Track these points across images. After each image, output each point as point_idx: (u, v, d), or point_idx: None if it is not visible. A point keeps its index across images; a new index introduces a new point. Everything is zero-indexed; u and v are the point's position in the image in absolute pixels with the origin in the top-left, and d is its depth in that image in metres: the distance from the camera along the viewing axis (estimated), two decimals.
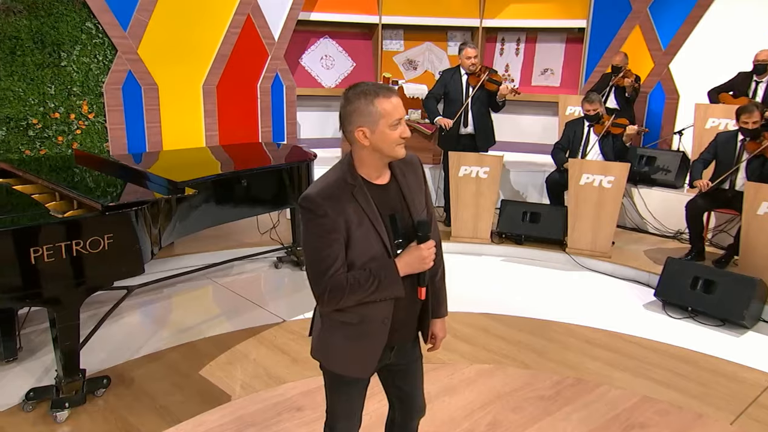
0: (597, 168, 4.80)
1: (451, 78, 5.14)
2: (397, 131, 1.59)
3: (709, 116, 5.13)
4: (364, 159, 1.63)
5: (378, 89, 1.58)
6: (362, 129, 1.57)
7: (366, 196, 1.60)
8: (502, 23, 7.26)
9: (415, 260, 1.63)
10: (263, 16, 6.14)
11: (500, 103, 5.06)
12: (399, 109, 1.59)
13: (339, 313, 1.68)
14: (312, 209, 1.57)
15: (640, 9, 6.46)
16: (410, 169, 1.76)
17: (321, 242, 1.57)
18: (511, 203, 5.27)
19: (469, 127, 5.19)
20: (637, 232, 5.55)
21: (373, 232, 1.60)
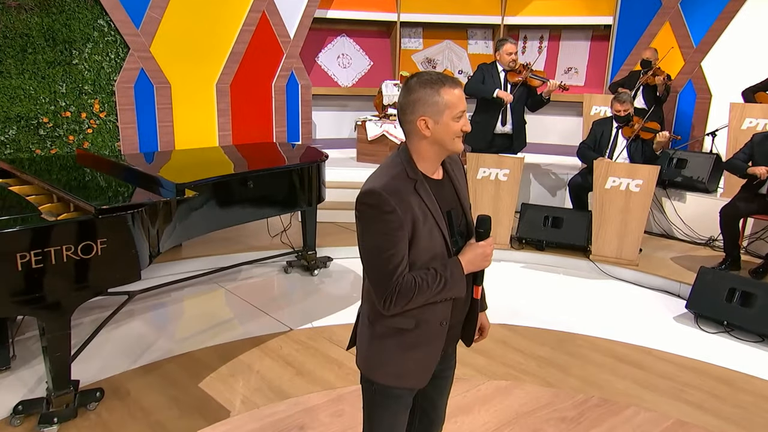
0: (624, 171, 4.50)
1: (488, 73, 4.87)
2: (459, 123, 1.52)
3: (746, 116, 4.80)
4: (422, 152, 1.56)
5: (444, 79, 1.51)
6: (425, 118, 1.50)
7: (428, 191, 1.54)
8: (524, 20, 7.01)
9: (478, 258, 1.58)
10: (278, 14, 5.96)
11: (546, 100, 4.81)
12: (463, 101, 1.53)
13: (393, 319, 1.58)
14: (378, 205, 1.47)
15: (670, 4, 6.16)
16: (457, 167, 1.72)
17: (387, 241, 1.48)
18: (532, 207, 5.00)
19: (508, 126, 4.94)
20: (665, 238, 5.23)
21: (437, 228, 1.54)
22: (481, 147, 4.89)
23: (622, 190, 4.51)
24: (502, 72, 4.88)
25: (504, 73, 4.88)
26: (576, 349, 3.50)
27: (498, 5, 6.98)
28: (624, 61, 6.55)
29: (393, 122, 5.98)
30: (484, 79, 4.86)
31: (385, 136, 5.89)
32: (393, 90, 6.21)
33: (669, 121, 6.20)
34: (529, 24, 7.02)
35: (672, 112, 6.28)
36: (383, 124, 5.91)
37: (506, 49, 4.78)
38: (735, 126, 4.84)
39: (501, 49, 4.81)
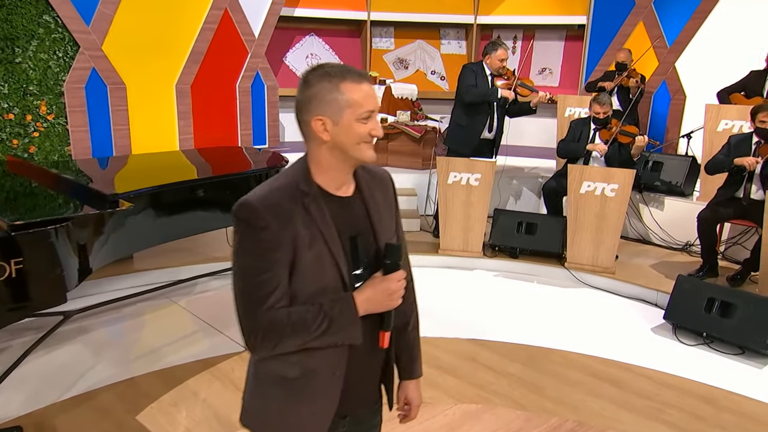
0: (599, 175, 4.30)
1: (477, 75, 4.62)
2: (366, 126, 1.24)
3: (721, 118, 4.64)
4: (322, 160, 1.27)
5: (345, 72, 1.24)
6: (322, 119, 1.23)
7: (322, 209, 1.25)
8: (497, 20, 6.84)
9: (379, 295, 1.27)
10: (242, 11, 5.63)
11: (534, 110, 4.62)
12: (371, 99, 1.25)
13: (276, 363, 1.29)
14: (249, 219, 1.21)
15: (643, 4, 6.05)
16: (380, 185, 1.39)
17: (258, 263, 1.21)
18: (505, 213, 4.79)
19: (492, 132, 4.72)
20: (641, 243, 5.06)
21: (328, 255, 1.24)
22: (467, 153, 4.67)
23: (597, 195, 4.32)
24: (489, 76, 4.63)
25: (491, 77, 4.63)
26: (550, 366, 3.27)
27: (471, 4, 6.79)
28: (598, 61, 6.43)
29: None
30: (477, 82, 4.59)
31: None
32: None
33: (644, 123, 6.08)
34: (503, 23, 6.86)
35: (646, 114, 6.16)
36: None
37: (499, 54, 4.53)
38: (711, 128, 4.69)
39: (493, 54, 4.56)
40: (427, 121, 5.85)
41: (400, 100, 6.00)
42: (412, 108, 6.02)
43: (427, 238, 5.07)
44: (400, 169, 5.70)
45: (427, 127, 5.67)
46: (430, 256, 4.72)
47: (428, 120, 5.89)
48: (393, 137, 5.74)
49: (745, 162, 3.89)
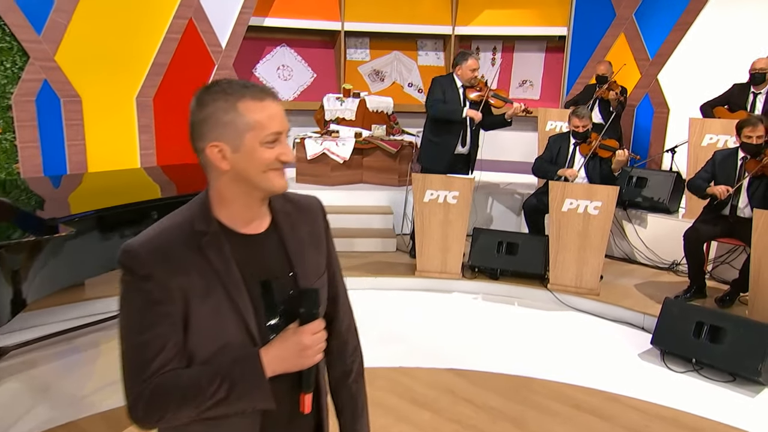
0: (581, 192, 4.24)
1: (448, 87, 4.56)
2: (273, 151, 1.09)
3: (705, 132, 4.64)
4: (224, 193, 1.12)
5: (244, 89, 1.09)
6: (218, 145, 1.08)
7: (222, 251, 1.10)
8: (476, 31, 6.80)
9: (290, 351, 1.11)
10: (208, 21, 5.50)
11: (509, 122, 4.57)
12: (276, 119, 1.10)
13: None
14: (131, 267, 1.07)
15: (624, 15, 6.03)
16: (305, 217, 1.24)
17: (141, 319, 1.06)
18: (485, 232, 4.70)
19: (466, 146, 4.66)
20: (627, 262, 5.01)
21: (228, 306, 1.09)
22: (440, 170, 4.58)
23: (580, 213, 4.25)
24: (461, 88, 4.57)
25: (462, 89, 4.57)
26: (533, 397, 3.14)
27: (448, 15, 6.75)
28: (579, 73, 6.41)
29: (335, 139, 5.60)
30: (445, 96, 4.53)
31: (326, 155, 5.49)
32: (335, 104, 5.84)
33: (627, 137, 6.05)
34: (482, 34, 6.82)
35: (629, 128, 6.12)
36: (324, 142, 5.52)
37: (470, 65, 4.48)
38: (695, 142, 4.67)
39: (463, 64, 4.50)
40: (403, 136, 5.77)
41: (376, 113, 5.92)
42: (388, 122, 5.93)
43: (404, 259, 4.96)
44: (375, 186, 5.62)
45: (404, 141, 5.59)
46: (407, 278, 4.60)
47: (405, 134, 5.82)
48: (368, 152, 5.65)
49: (716, 191, 3.89)
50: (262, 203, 1.16)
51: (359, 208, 5.34)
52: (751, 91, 4.89)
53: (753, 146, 3.85)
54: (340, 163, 5.53)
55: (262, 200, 1.15)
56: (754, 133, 3.82)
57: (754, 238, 3.61)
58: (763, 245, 3.57)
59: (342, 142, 5.52)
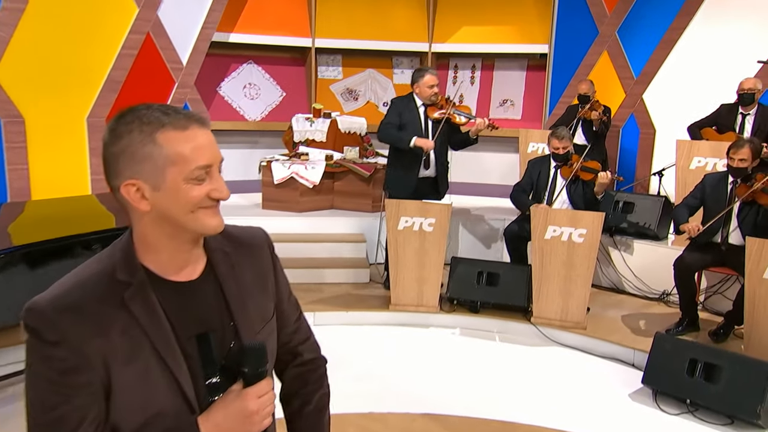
0: (565, 218, 4.16)
1: (405, 109, 4.50)
2: (201, 188, 1.00)
3: (693, 155, 4.62)
4: (148, 237, 1.03)
5: (164, 116, 0.98)
6: (135, 183, 0.99)
7: (150, 303, 1.00)
8: (454, 48, 6.82)
9: (235, 418, 1.01)
10: (167, 36, 5.39)
11: (473, 140, 4.50)
12: (205, 151, 0.99)
13: None
14: (38, 331, 0.95)
15: (607, 32, 6.09)
16: (248, 255, 1.15)
17: (53, 393, 0.95)
18: (464, 261, 4.58)
19: (431, 169, 4.56)
20: (615, 292, 4.94)
21: (159, 368, 1.00)
22: (406, 195, 4.50)
23: (564, 241, 4.16)
24: (422, 107, 4.50)
25: (423, 108, 4.50)
26: None
27: (425, 31, 6.76)
28: (562, 92, 6.44)
29: (304, 162, 5.47)
30: (401, 118, 4.45)
31: (295, 179, 5.35)
32: (305, 125, 5.74)
33: (612, 159, 6.05)
34: (460, 52, 6.84)
35: (615, 149, 6.13)
36: (292, 165, 5.39)
37: (426, 81, 4.40)
38: (683, 165, 4.65)
39: (420, 81, 4.44)
40: (377, 159, 5.68)
41: (348, 134, 5.83)
42: (361, 144, 5.85)
43: (378, 290, 4.82)
44: (347, 212, 5.51)
45: (378, 165, 5.50)
46: (380, 312, 4.46)
47: (379, 157, 5.73)
48: (339, 176, 5.55)
49: (686, 228, 3.89)
50: (194, 245, 1.06)
51: (330, 236, 5.21)
52: (740, 112, 4.90)
53: (734, 169, 3.84)
54: (310, 188, 5.41)
55: (194, 242, 1.05)
56: (736, 155, 3.81)
57: (747, 268, 3.54)
58: (757, 276, 3.51)
59: (311, 166, 5.40)
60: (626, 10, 5.92)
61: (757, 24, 5.26)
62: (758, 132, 4.75)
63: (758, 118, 4.82)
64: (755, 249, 3.50)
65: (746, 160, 3.79)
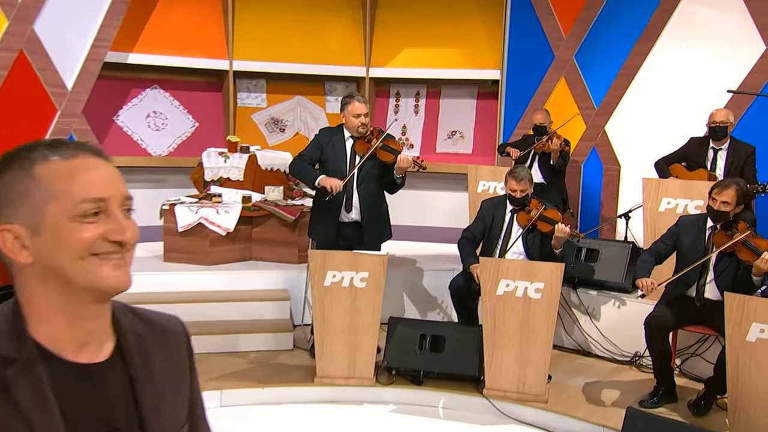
0: (519, 271, 3.99)
1: (330, 141, 4.40)
2: (93, 228, 0.92)
3: (662, 195, 4.57)
4: (34, 299, 0.95)
5: (49, 148, 0.95)
6: (10, 228, 0.93)
7: (39, 386, 0.91)
8: (395, 73, 6.74)
9: None
10: (46, 55, 5.04)
11: (399, 181, 4.38)
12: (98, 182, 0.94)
13: None
14: None
15: (564, 56, 6.11)
16: (164, 345, 1.08)
17: None
18: (404, 323, 4.36)
19: (354, 212, 4.41)
20: (580, 355, 4.80)
21: None
22: (328, 243, 4.35)
23: (519, 297, 3.99)
24: (350, 139, 4.38)
25: (352, 141, 4.36)
26: None
27: (361, 53, 6.65)
28: (517, 124, 6.39)
29: (215, 206, 5.17)
30: (323, 152, 4.35)
31: (204, 226, 5.05)
32: (218, 161, 5.46)
33: (574, 198, 6.00)
34: (402, 77, 6.75)
35: (577, 188, 6.09)
36: (201, 209, 5.09)
37: (353, 109, 4.29)
38: (651, 207, 4.60)
39: (346, 109, 4.33)
40: (304, 200, 5.48)
41: (270, 172, 5.62)
42: (286, 183, 5.65)
43: (303, 359, 4.55)
44: (268, 265, 5.28)
45: (304, 207, 5.28)
46: (303, 387, 4.19)
47: (307, 198, 5.52)
48: (259, 221, 5.31)
49: (641, 284, 3.85)
50: (97, 314, 0.97)
51: (247, 293, 4.93)
52: (711, 147, 4.91)
53: (715, 212, 3.78)
54: (222, 236, 5.13)
55: (95, 309, 0.96)
56: (719, 196, 3.74)
57: (727, 330, 3.41)
58: (739, 338, 3.37)
59: (225, 209, 5.14)
60: (584, 31, 5.96)
61: (724, 49, 5.33)
62: (731, 169, 4.77)
63: (731, 153, 4.83)
64: (735, 307, 3.38)
65: (730, 203, 3.72)
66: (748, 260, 3.64)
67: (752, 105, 5.20)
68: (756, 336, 3.33)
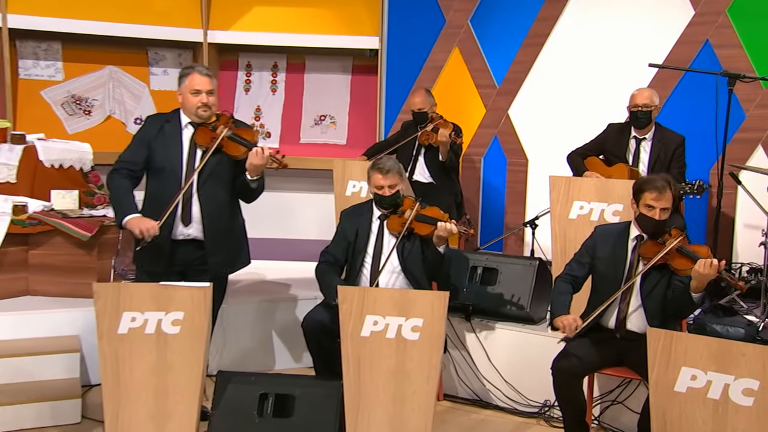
0: (389, 303, 3.77)
1: (160, 132, 4.08)
2: None
3: (573, 198, 4.46)
4: None
5: None
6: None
7: None
8: (244, 38, 6.52)
9: None
10: None
11: (254, 184, 4.13)
12: None
13: None
14: None
15: (457, 21, 6.16)
16: None
17: None
18: (239, 379, 4.05)
19: (194, 227, 4.07)
20: (476, 407, 4.67)
21: None
22: (157, 269, 4.02)
23: (391, 339, 3.76)
24: (188, 126, 4.04)
25: (192, 130, 4.02)
26: None
27: (197, 11, 6.34)
28: (401, 106, 6.39)
29: None
30: (152, 149, 4.03)
31: None
32: None
33: (473, 202, 6.08)
34: (254, 44, 6.52)
35: (476, 188, 6.15)
36: None
37: (191, 84, 3.96)
38: (560, 213, 4.49)
39: (183, 85, 4.01)
40: (108, 209, 5.05)
41: (58, 171, 5.21)
42: (86, 186, 5.29)
43: None
44: (52, 301, 4.87)
45: (106, 219, 4.93)
46: None
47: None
48: (38, 240, 4.91)
49: (559, 324, 3.73)
50: None
51: (17, 344, 4.48)
52: (633, 136, 4.99)
53: (654, 222, 3.67)
54: None
55: None
56: (658, 203, 3.63)
57: (651, 376, 3.24)
58: (665, 387, 3.19)
59: None
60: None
61: (648, 14, 5.44)
62: (657, 164, 4.85)
63: (657, 144, 4.92)
64: (661, 347, 3.19)
65: (669, 209, 3.67)
66: (685, 270, 3.58)
67: (680, 83, 5.35)
68: (686, 385, 3.14)
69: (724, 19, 5.22)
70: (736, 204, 5.23)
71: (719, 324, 4.14)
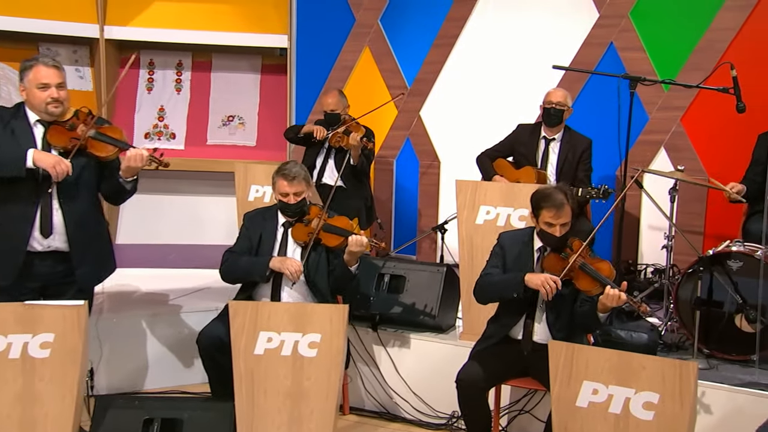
0: (285, 319, 3.57)
1: (3, 131, 3.65)
2: None
3: (480, 202, 4.33)
4: None
5: None
6: None
7: None
8: (145, 34, 6.29)
9: None
10: None
11: (128, 186, 3.78)
12: None
13: None
14: None
15: (367, 20, 6.11)
16: None
17: None
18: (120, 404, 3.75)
19: (57, 237, 3.70)
20: (382, 420, 4.52)
21: None
22: (9, 287, 3.63)
23: (287, 356, 3.55)
24: (38, 125, 3.68)
25: (42, 129, 3.67)
26: None
27: (93, 7, 6.02)
28: (312, 107, 6.33)
29: None
30: None
31: None
32: None
33: (386, 206, 6.02)
34: (156, 41, 6.29)
35: (389, 193, 6.07)
36: None
37: (36, 76, 3.59)
38: (466, 218, 4.35)
39: (26, 79, 3.62)
40: None
41: None
42: None
43: None
44: None
45: None
46: None
47: None
48: None
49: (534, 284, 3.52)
50: None
51: None
52: (543, 136, 4.94)
53: (554, 239, 3.56)
54: None
55: None
56: (558, 220, 3.49)
57: (553, 389, 3.11)
58: (567, 401, 3.06)
59: None
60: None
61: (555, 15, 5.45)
62: (565, 165, 4.82)
63: (564, 146, 4.89)
64: (563, 361, 3.07)
65: (569, 222, 3.55)
66: (588, 290, 3.46)
67: (586, 86, 5.37)
68: (588, 399, 3.03)
69: (627, 22, 5.23)
70: (640, 206, 5.24)
71: (623, 330, 4.02)
